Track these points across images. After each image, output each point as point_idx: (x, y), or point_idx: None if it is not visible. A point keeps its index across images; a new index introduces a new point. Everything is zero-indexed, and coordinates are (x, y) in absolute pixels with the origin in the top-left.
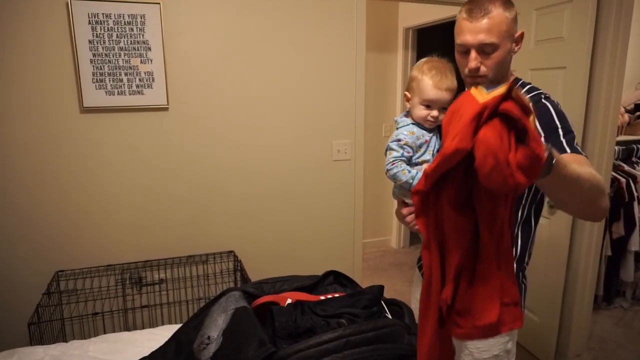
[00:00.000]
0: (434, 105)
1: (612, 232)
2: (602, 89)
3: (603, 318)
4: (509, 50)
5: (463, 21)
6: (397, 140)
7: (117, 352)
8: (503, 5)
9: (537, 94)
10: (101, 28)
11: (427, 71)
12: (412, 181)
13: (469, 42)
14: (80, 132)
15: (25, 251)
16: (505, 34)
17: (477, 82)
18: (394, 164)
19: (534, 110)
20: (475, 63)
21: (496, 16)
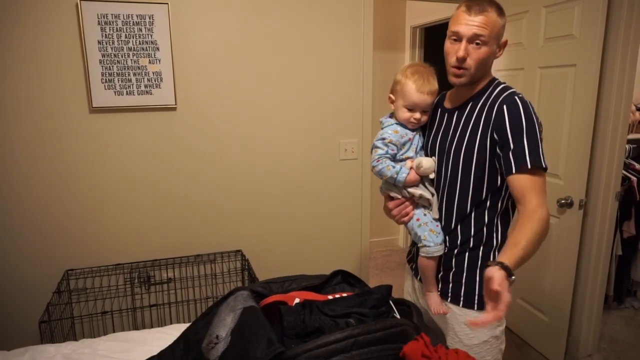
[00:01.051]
0: (417, 108)
1: (623, 231)
2: (613, 87)
3: (614, 318)
4: (494, 52)
5: (461, 13)
6: (382, 139)
7: (127, 351)
8: (497, 11)
9: (510, 94)
10: (110, 29)
11: (411, 75)
12: (397, 176)
13: (462, 31)
14: (89, 131)
15: (36, 251)
16: (495, 35)
17: (460, 75)
18: (379, 160)
19: None
20: (464, 52)
21: (491, 16)
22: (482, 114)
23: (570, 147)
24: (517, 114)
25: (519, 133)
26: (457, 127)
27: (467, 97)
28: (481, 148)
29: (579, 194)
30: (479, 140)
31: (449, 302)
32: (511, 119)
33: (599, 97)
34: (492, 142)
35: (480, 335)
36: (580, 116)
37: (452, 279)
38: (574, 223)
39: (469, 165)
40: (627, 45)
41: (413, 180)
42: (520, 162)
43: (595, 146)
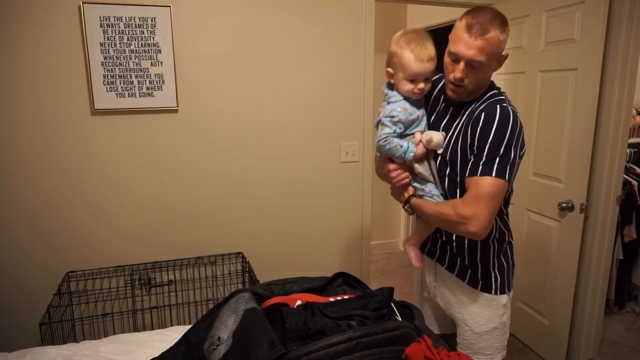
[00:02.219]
0: (419, 78)
1: (624, 235)
2: (614, 91)
3: (615, 322)
4: (492, 68)
5: (462, 33)
6: (391, 117)
7: (128, 353)
8: (500, 27)
9: (494, 102)
10: (112, 31)
11: (406, 45)
12: (405, 155)
13: (461, 53)
14: (91, 133)
15: (37, 252)
16: (494, 55)
17: (456, 92)
18: (386, 140)
19: None
20: (462, 74)
21: (491, 37)
22: (471, 118)
23: (571, 151)
24: (489, 123)
25: (483, 145)
26: (450, 125)
27: (465, 99)
28: (463, 150)
29: (579, 198)
30: (461, 144)
31: (457, 277)
32: (483, 127)
33: (599, 101)
34: (471, 146)
35: (489, 322)
36: (581, 120)
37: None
38: (575, 227)
39: (455, 162)
40: (628, 49)
41: (421, 155)
42: (472, 172)
43: (596, 150)
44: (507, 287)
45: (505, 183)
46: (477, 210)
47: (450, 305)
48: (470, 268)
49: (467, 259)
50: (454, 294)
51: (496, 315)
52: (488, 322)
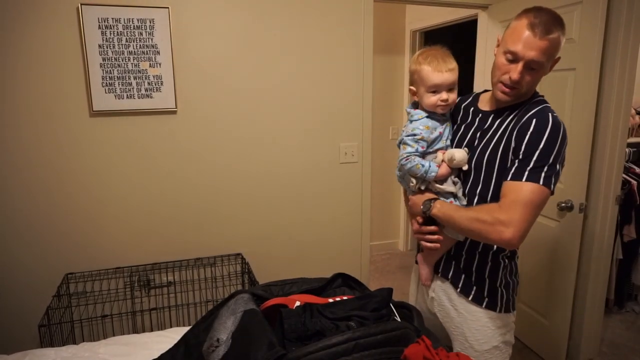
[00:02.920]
0: (440, 89)
1: (624, 235)
2: (613, 91)
3: (614, 322)
4: (546, 72)
5: (524, 30)
6: (413, 135)
7: (127, 355)
8: (562, 29)
9: (544, 108)
10: (111, 32)
11: (424, 60)
12: (426, 175)
13: (522, 53)
14: (90, 135)
15: (35, 254)
16: (553, 57)
17: (508, 94)
18: (407, 159)
19: None
20: (519, 76)
21: (555, 39)
22: (513, 123)
23: (570, 151)
24: (541, 130)
25: (533, 151)
26: (487, 131)
27: (506, 105)
28: (503, 156)
29: (579, 198)
30: (503, 148)
31: (460, 293)
32: (534, 133)
33: (598, 100)
34: (514, 151)
35: (491, 340)
36: (580, 120)
37: (463, 271)
38: (574, 226)
39: (490, 175)
40: (627, 49)
41: (444, 175)
42: (516, 176)
43: (595, 150)
44: (512, 306)
45: (549, 193)
46: (515, 216)
47: (449, 319)
48: (476, 284)
49: (475, 275)
50: (455, 308)
51: (499, 333)
52: (490, 340)
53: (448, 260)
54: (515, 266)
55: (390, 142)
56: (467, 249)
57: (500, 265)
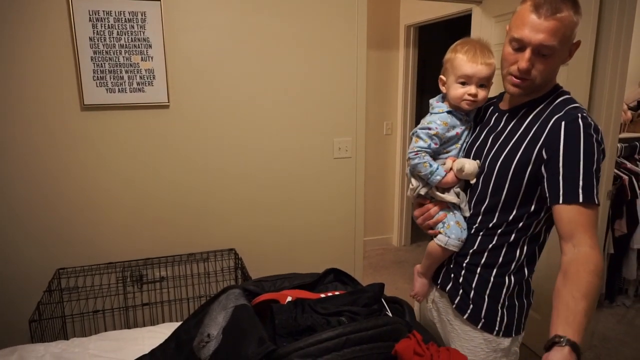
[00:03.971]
0: (471, 81)
1: (615, 229)
2: (605, 86)
3: (605, 316)
4: (564, 58)
5: (527, 13)
6: (427, 129)
7: (117, 350)
8: (573, 6)
9: (571, 109)
10: (102, 25)
11: (461, 49)
12: (431, 176)
13: (528, 38)
14: (81, 129)
15: (26, 249)
16: (567, 40)
17: (519, 86)
18: (417, 154)
19: None
20: (528, 64)
21: (565, 18)
22: (533, 126)
23: None
24: (575, 136)
25: (574, 161)
26: (502, 132)
27: (523, 102)
28: (520, 167)
29: None
30: (521, 155)
31: (455, 310)
32: (567, 141)
33: (590, 96)
34: (537, 160)
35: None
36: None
37: (461, 286)
38: None
39: (503, 180)
40: (619, 44)
41: (449, 184)
42: (571, 196)
43: None
44: (515, 330)
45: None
46: (597, 242)
47: (445, 332)
48: (473, 303)
49: (473, 292)
50: (450, 323)
51: (493, 357)
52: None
53: (447, 272)
54: (526, 285)
55: (385, 137)
56: (468, 263)
57: (505, 284)
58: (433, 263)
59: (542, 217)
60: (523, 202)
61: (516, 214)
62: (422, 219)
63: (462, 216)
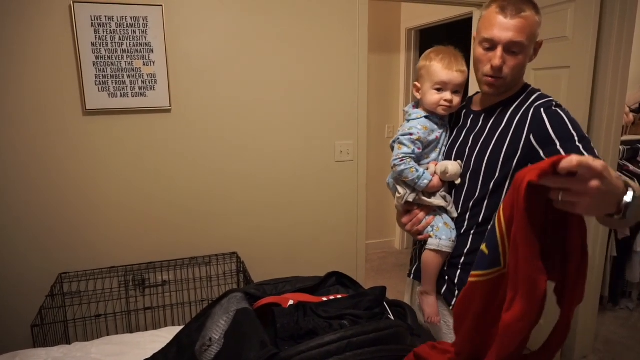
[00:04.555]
0: (446, 88)
1: (618, 232)
2: (607, 88)
3: (609, 319)
4: (530, 56)
5: (495, 15)
6: (409, 135)
7: (119, 354)
8: (534, 8)
9: (548, 101)
10: (104, 30)
11: (435, 57)
12: (418, 181)
13: (498, 37)
14: (83, 134)
15: (29, 253)
16: (533, 37)
17: (494, 85)
18: (402, 160)
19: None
20: (500, 61)
21: (529, 17)
22: (513, 121)
23: None
24: (559, 118)
25: (566, 135)
26: (482, 132)
27: (497, 101)
28: (509, 157)
29: None
30: (507, 148)
31: (452, 310)
32: (553, 124)
33: (592, 98)
34: (525, 150)
35: None
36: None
37: (456, 287)
38: None
39: (492, 172)
40: (620, 47)
41: (436, 187)
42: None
43: None
44: None
45: None
46: None
47: (441, 335)
48: None
49: None
50: (447, 324)
51: None
52: None
53: (442, 275)
54: None
55: (386, 140)
56: (463, 263)
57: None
58: (431, 273)
59: None
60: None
61: None
62: (411, 224)
63: (449, 217)
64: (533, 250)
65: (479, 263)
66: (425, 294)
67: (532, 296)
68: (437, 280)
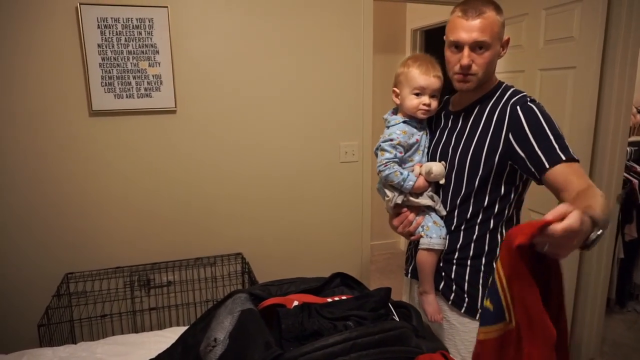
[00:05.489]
0: (425, 92)
1: (625, 234)
2: (614, 89)
3: (616, 322)
4: (497, 52)
5: (457, 19)
6: (390, 140)
7: (124, 354)
8: (495, 9)
9: (522, 97)
10: (110, 32)
11: (413, 63)
12: (404, 183)
13: (463, 39)
14: (89, 135)
15: (35, 254)
16: (496, 35)
17: (466, 81)
18: (386, 165)
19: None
20: (468, 60)
21: (489, 17)
22: (492, 117)
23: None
24: (533, 115)
25: (542, 133)
26: (463, 131)
27: (473, 100)
28: (491, 152)
29: None
30: (489, 144)
31: (451, 305)
32: (529, 121)
33: (599, 99)
34: (505, 143)
35: None
36: (581, 118)
37: (454, 281)
38: None
39: (476, 169)
40: (627, 47)
41: (422, 188)
42: (553, 158)
43: (596, 148)
44: None
45: None
46: (589, 182)
47: (441, 330)
48: (468, 296)
49: (467, 286)
50: (447, 320)
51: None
52: None
53: (438, 271)
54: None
55: None
56: (458, 258)
57: (494, 270)
58: (427, 272)
59: (512, 199)
60: (493, 187)
61: (489, 199)
62: (402, 226)
63: (438, 216)
64: (538, 298)
65: (485, 319)
66: (424, 293)
67: (548, 341)
68: (434, 278)
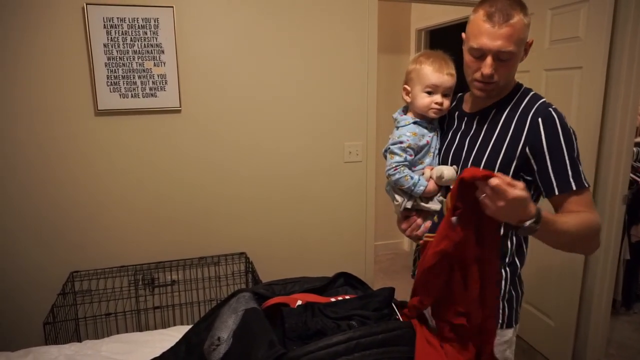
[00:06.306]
0: (437, 91)
1: (631, 235)
2: (620, 89)
3: (622, 323)
4: (521, 57)
5: (482, 24)
6: (400, 143)
7: (129, 352)
8: (522, 10)
9: (542, 104)
10: (116, 32)
11: (425, 60)
12: (414, 188)
13: (487, 46)
14: (95, 134)
15: (41, 252)
16: (522, 42)
17: (486, 89)
18: (396, 169)
19: None
20: (491, 70)
21: (517, 23)
22: (510, 125)
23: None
24: (554, 129)
25: (559, 152)
26: (477, 135)
27: (490, 103)
28: (506, 162)
29: None
30: (505, 154)
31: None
32: (548, 135)
33: (605, 99)
34: (522, 159)
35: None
36: (587, 119)
37: None
38: None
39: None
40: (634, 47)
41: (432, 192)
42: (563, 187)
43: (602, 149)
44: (515, 320)
45: None
46: (592, 211)
47: None
48: None
49: None
50: None
51: (498, 350)
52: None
53: None
54: (519, 276)
55: None
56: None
57: (503, 277)
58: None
59: None
60: None
61: None
62: (410, 230)
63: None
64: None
65: (432, 229)
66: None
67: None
68: None
